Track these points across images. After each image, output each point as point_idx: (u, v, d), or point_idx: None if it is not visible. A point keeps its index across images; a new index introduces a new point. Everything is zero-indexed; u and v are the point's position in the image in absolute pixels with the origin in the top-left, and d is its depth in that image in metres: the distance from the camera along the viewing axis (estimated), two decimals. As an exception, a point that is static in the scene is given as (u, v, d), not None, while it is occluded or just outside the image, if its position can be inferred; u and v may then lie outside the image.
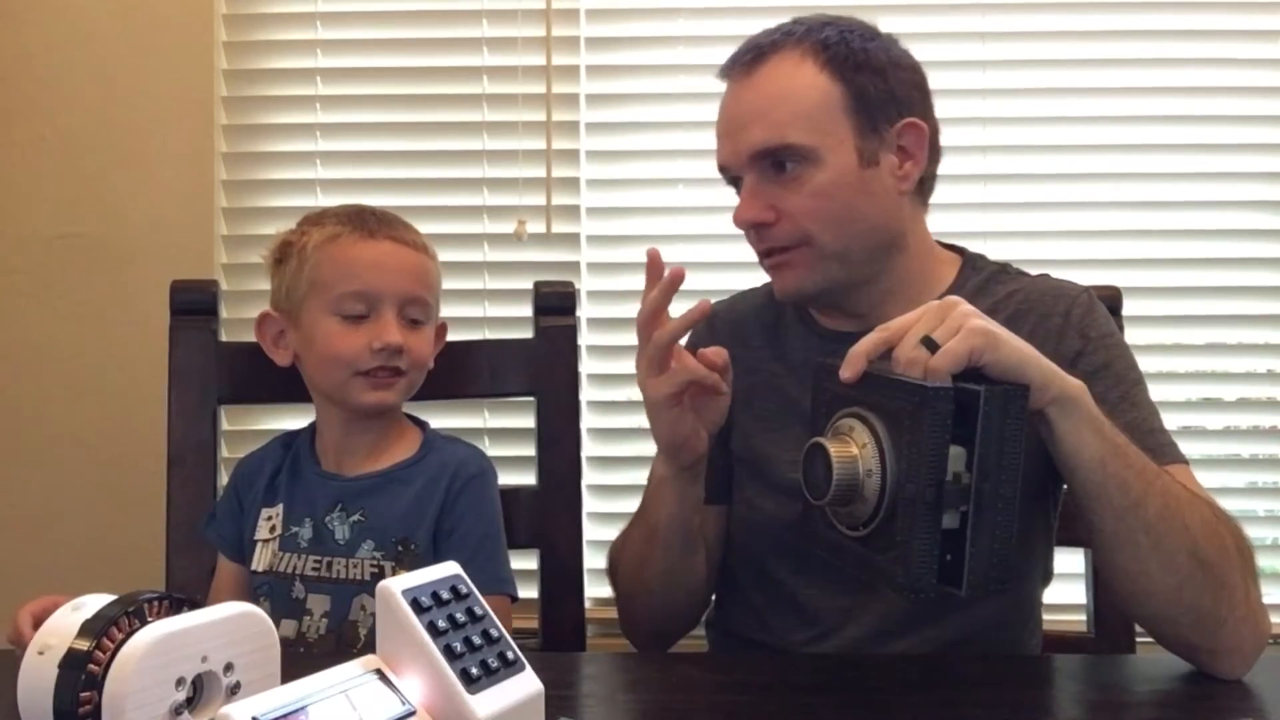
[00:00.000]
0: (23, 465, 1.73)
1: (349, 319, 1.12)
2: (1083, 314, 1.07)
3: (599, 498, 1.71)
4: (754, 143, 1.05)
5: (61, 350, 1.74)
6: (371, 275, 1.12)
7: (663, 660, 1.06)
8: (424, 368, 1.17)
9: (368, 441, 1.17)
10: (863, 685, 0.92)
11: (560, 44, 1.75)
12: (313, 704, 0.59)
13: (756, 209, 1.06)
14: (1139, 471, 0.89)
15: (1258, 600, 0.93)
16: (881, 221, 1.07)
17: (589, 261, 1.77)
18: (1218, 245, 1.73)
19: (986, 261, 1.16)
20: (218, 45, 1.76)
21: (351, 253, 1.13)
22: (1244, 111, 1.73)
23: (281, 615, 1.14)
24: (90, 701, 0.61)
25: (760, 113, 1.05)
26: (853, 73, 1.05)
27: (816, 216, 1.05)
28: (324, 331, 1.13)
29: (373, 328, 1.12)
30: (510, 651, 0.68)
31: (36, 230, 1.74)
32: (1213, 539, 0.90)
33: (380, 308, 1.12)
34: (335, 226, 1.15)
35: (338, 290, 1.12)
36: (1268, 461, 1.73)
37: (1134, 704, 0.91)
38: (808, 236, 1.05)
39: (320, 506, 1.15)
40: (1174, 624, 0.92)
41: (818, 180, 1.04)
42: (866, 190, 1.05)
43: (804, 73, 1.05)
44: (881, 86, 1.05)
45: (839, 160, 1.04)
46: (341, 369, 1.12)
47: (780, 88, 1.05)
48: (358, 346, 1.11)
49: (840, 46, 1.05)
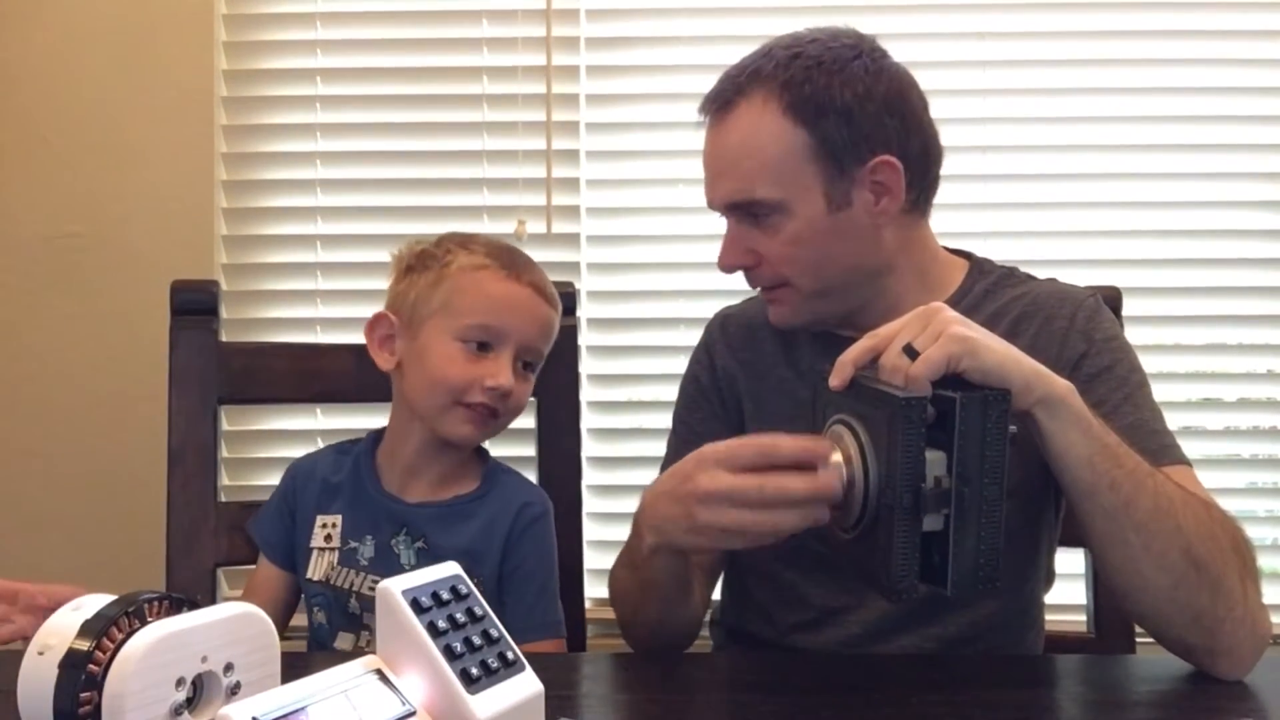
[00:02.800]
0: (23, 465, 1.73)
1: (470, 349, 1.13)
2: (1088, 317, 1.07)
3: (599, 498, 1.71)
4: (724, 195, 1.07)
5: (61, 350, 1.74)
6: (506, 314, 1.13)
7: (663, 660, 1.06)
8: (518, 413, 1.18)
9: (437, 469, 1.18)
10: (863, 685, 0.92)
11: (560, 44, 1.75)
12: (313, 704, 0.59)
13: (735, 254, 1.09)
14: (1129, 471, 0.89)
15: (1257, 601, 0.92)
16: (858, 260, 1.08)
17: (589, 261, 1.77)
18: (1218, 245, 1.73)
19: (993, 265, 1.17)
20: (218, 45, 1.76)
21: (494, 287, 1.14)
22: (1244, 111, 1.73)
23: (339, 628, 1.15)
24: (90, 701, 0.61)
25: (729, 164, 1.06)
26: (815, 118, 1.02)
27: (791, 262, 1.06)
28: (442, 353, 1.13)
29: (490, 364, 1.13)
30: (510, 652, 0.68)
31: (36, 230, 1.74)
32: (1208, 540, 0.90)
33: (502, 347, 1.13)
34: (484, 258, 1.15)
35: (469, 320, 1.13)
36: (1268, 461, 1.73)
37: (1134, 704, 0.91)
38: (785, 279, 1.08)
39: (384, 528, 1.15)
40: (1170, 624, 0.92)
41: (789, 229, 1.05)
42: (839, 233, 1.06)
43: (767, 122, 1.03)
44: (846, 130, 1.03)
45: (807, 209, 1.04)
46: (445, 394, 1.13)
47: (745, 139, 1.05)
48: (470, 378, 1.12)
49: (804, 88, 1.02)
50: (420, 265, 1.17)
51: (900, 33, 1.70)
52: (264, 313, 1.76)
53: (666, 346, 1.71)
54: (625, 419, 1.75)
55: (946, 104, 1.70)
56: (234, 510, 1.28)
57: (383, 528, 1.15)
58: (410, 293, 1.16)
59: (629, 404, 1.75)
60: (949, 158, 1.14)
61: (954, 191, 1.68)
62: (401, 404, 1.19)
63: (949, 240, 1.19)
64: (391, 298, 1.19)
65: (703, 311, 1.29)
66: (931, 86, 1.11)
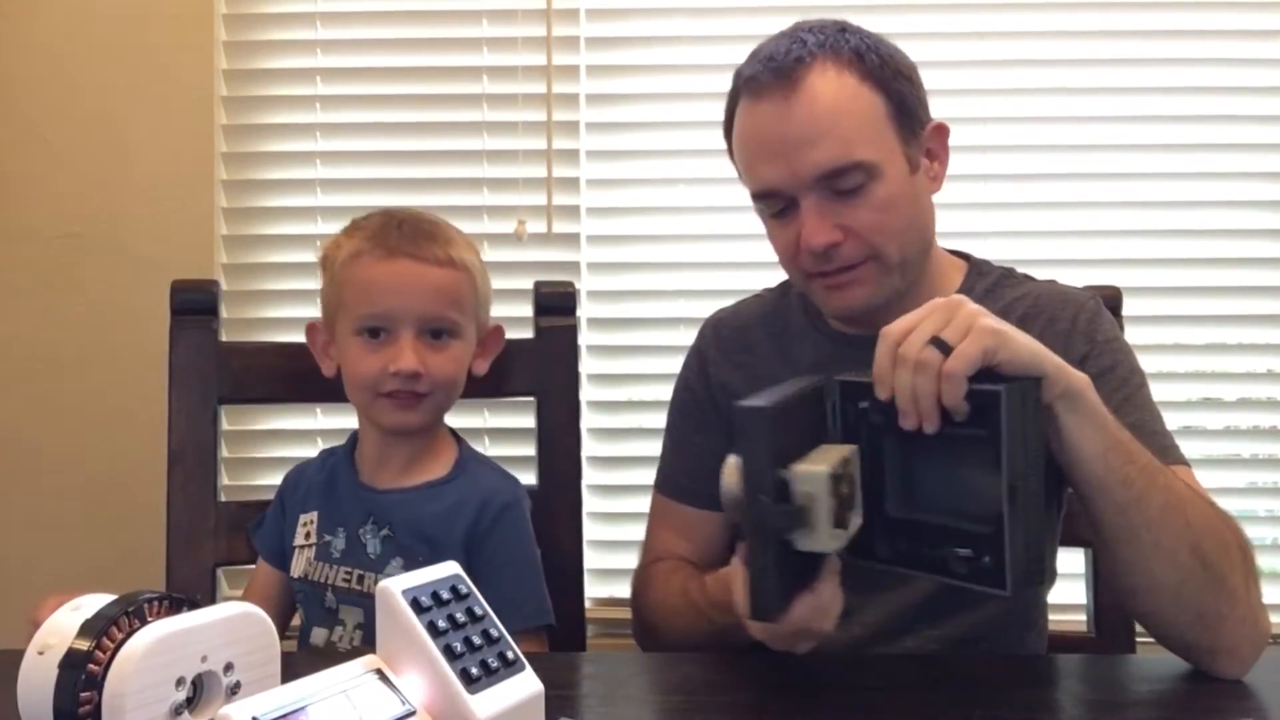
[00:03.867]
0: (23, 465, 1.73)
1: (369, 340, 1.12)
2: (1089, 319, 1.08)
3: (599, 498, 1.71)
4: (819, 163, 1.01)
5: (61, 350, 1.74)
6: (386, 298, 1.11)
7: (663, 660, 1.06)
8: (451, 386, 1.15)
9: (403, 456, 1.17)
10: (863, 685, 0.92)
11: (560, 44, 1.75)
12: (313, 704, 0.59)
13: (827, 230, 1.03)
14: (1142, 467, 0.89)
15: (1258, 600, 0.93)
16: (927, 225, 1.10)
17: (589, 261, 1.77)
18: (1218, 245, 1.73)
19: (991, 266, 1.17)
20: (218, 45, 1.76)
21: (369, 274, 1.11)
22: (1244, 111, 1.72)
23: (314, 623, 1.15)
24: (90, 701, 0.61)
25: (821, 131, 1.01)
26: (891, 81, 1.04)
27: (882, 230, 1.04)
28: (349, 352, 1.13)
29: (389, 350, 1.11)
30: (510, 651, 0.68)
31: (36, 230, 1.74)
32: (1214, 537, 0.90)
33: (397, 330, 1.11)
34: (359, 242, 1.13)
35: (356, 311, 1.12)
36: (1268, 461, 1.73)
37: (1135, 704, 0.91)
38: (875, 251, 1.04)
39: (354, 518, 1.15)
40: (1174, 622, 0.92)
41: (880, 194, 1.03)
42: (916, 197, 1.07)
43: (849, 84, 1.03)
44: (912, 92, 1.06)
45: (895, 171, 1.04)
46: (364, 391, 1.13)
47: (834, 102, 1.02)
48: (374, 370, 1.11)
49: (872, 55, 1.04)
50: (323, 267, 1.17)
51: (900, 33, 1.68)
52: (264, 313, 1.76)
53: (666, 346, 1.71)
54: (625, 419, 1.75)
55: (946, 104, 1.70)
56: (234, 510, 1.28)
57: (352, 519, 1.16)
58: (323, 297, 1.17)
59: (629, 404, 1.75)
60: (952, 157, 1.14)
61: (954, 191, 1.68)
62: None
63: (948, 240, 1.19)
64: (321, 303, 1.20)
65: (702, 311, 1.29)
66: (931, 86, 1.11)
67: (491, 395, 1.46)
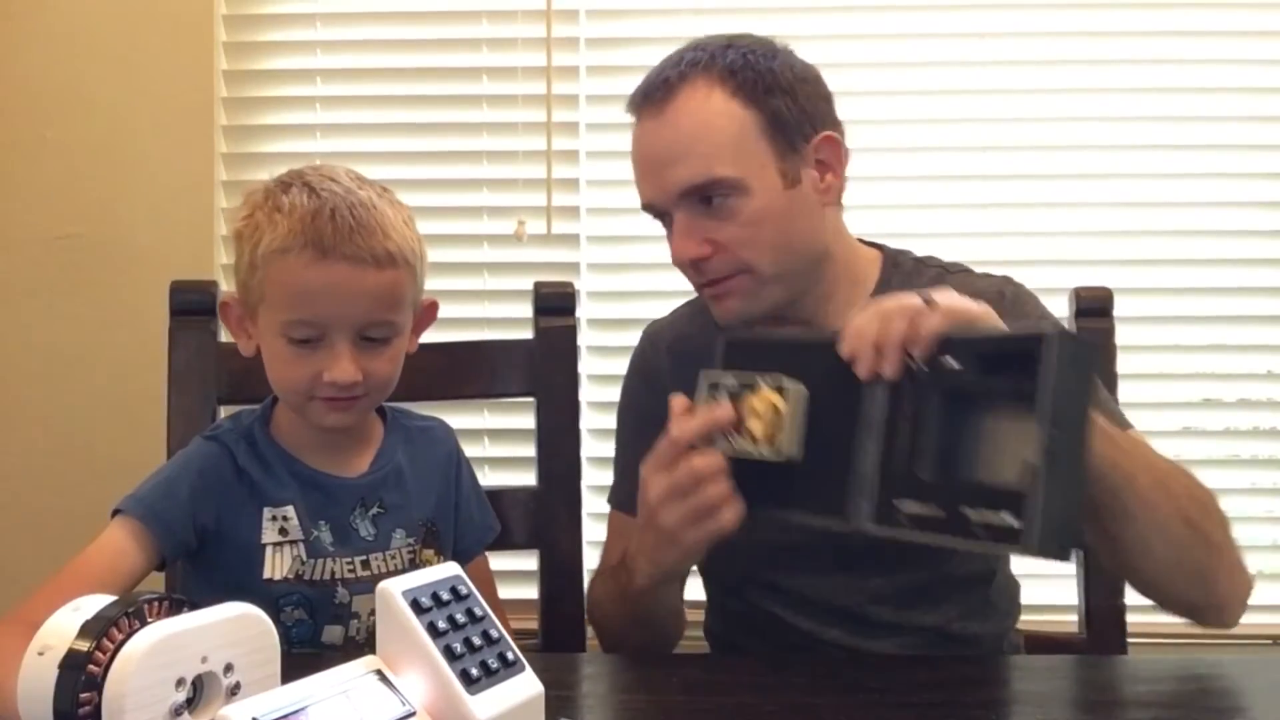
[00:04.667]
0: (23, 465, 1.73)
1: (298, 347, 1.01)
2: (1012, 302, 1.08)
3: (599, 498, 1.70)
4: (680, 180, 1.04)
5: (61, 350, 1.74)
6: (322, 304, 0.99)
7: (663, 660, 1.06)
8: (387, 387, 1.07)
9: (357, 435, 1.12)
10: (863, 685, 0.92)
11: (560, 44, 1.75)
12: (313, 704, 0.59)
13: (692, 246, 1.06)
14: (1126, 451, 0.91)
15: (1239, 550, 0.98)
16: (810, 238, 1.08)
17: (589, 261, 1.77)
18: (1219, 244, 1.73)
19: (904, 256, 1.17)
20: (218, 45, 1.76)
21: (302, 276, 0.99)
22: (1242, 111, 1.73)
23: (325, 622, 1.06)
24: (90, 702, 0.61)
25: (683, 149, 1.04)
26: (763, 96, 1.05)
27: (752, 245, 1.05)
28: (274, 352, 1.03)
29: (323, 358, 1.00)
30: (510, 652, 0.68)
31: (36, 230, 1.74)
32: (1193, 499, 0.94)
33: (332, 336, 1.00)
34: (287, 237, 1.00)
35: (285, 316, 1.01)
36: (1268, 461, 1.73)
37: (1134, 704, 0.91)
38: (746, 265, 1.06)
39: (344, 507, 1.08)
40: (1174, 585, 0.96)
41: (748, 209, 1.04)
42: (794, 211, 1.06)
43: (715, 102, 1.04)
44: (792, 105, 1.05)
45: (765, 186, 1.04)
46: (292, 394, 1.04)
47: (696, 121, 1.04)
48: (307, 376, 1.01)
49: (746, 71, 1.05)
50: (239, 241, 1.04)
51: (896, 33, 1.70)
52: (264, 313, 1.76)
53: (666, 346, 1.71)
54: (625, 419, 1.75)
55: (943, 104, 1.71)
56: (234, 510, 1.28)
57: (343, 508, 1.08)
58: (237, 273, 1.04)
59: (629, 404, 1.75)
60: (943, 157, 1.14)
61: (949, 191, 1.69)
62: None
63: (948, 240, 1.19)
64: (235, 273, 1.06)
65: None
66: (928, 86, 1.11)
67: (491, 395, 1.46)
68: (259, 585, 1.03)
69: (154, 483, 1.06)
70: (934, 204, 1.70)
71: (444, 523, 1.14)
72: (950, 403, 0.82)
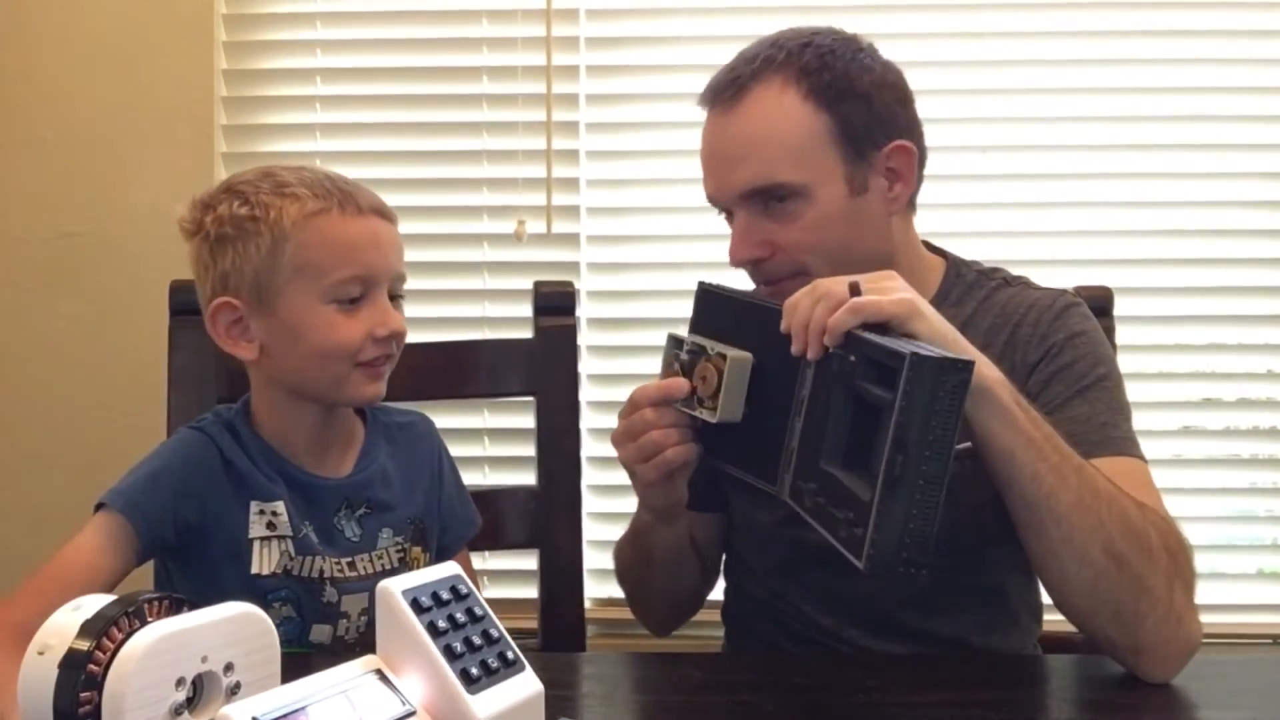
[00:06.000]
0: (23, 465, 1.73)
1: (347, 307, 1.01)
2: (1053, 318, 1.07)
3: (599, 498, 1.71)
4: (742, 182, 1.04)
5: (61, 350, 1.74)
6: (370, 256, 1.02)
7: (663, 660, 1.06)
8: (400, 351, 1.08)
9: (342, 435, 1.11)
10: (863, 685, 0.92)
11: (560, 44, 1.75)
12: (313, 704, 0.59)
13: (750, 247, 1.06)
14: (1053, 466, 0.90)
15: (1185, 603, 0.92)
16: (874, 246, 1.07)
17: (589, 261, 1.77)
18: (1219, 244, 1.73)
19: (969, 266, 1.16)
20: (218, 45, 1.76)
21: (347, 232, 1.02)
22: (1242, 111, 1.73)
23: (313, 621, 1.05)
24: (90, 701, 0.61)
25: (747, 150, 1.04)
26: (837, 101, 1.03)
27: (811, 250, 1.05)
28: (321, 321, 1.01)
29: (373, 313, 1.02)
30: (510, 652, 0.68)
31: (36, 230, 1.74)
32: (1130, 536, 0.90)
33: (375, 291, 1.03)
34: (313, 200, 1.02)
35: (334, 276, 1.00)
36: (1268, 461, 1.73)
37: (1133, 704, 0.91)
38: (804, 268, 1.05)
39: (327, 508, 1.07)
40: (1092, 617, 0.93)
41: (810, 215, 1.04)
42: (858, 219, 1.06)
43: (787, 104, 1.03)
44: (865, 113, 1.04)
45: (829, 192, 1.04)
46: (343, 362, 1.02)
47: (765, 123, 1.04)
48: (360, 336, 1.01)
49: (823, 73, 1.04)
50: (241, 233, 1.01)
51: (899, 32, 1.70)
52: (264, 313, 1.76)
53: (666, 346, 1.71)
54: (625, 419, 1.75)
55: (943, 104, 1.71)
56: (234, 510, 1.28)
57: (328, 509, 1.07)
58: (245, 267, 1.01)
59: (629, 404, 1.75)
60: (946, 157, 1.14)
61: (950, 191, 1.69)
62: (276, 387, 1.06)
63: (945, 241, 1.19)
64: (218, 280, 1.03)
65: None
66: (928, 86, 1.12)
67: (491, 395, 1.46)
68: (247, 580, 1.02)
69: (137, 476, 1.04)
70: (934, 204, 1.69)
71: (430, 520, 1.14)
72: (849, 398, 0.83)
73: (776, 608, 1.15)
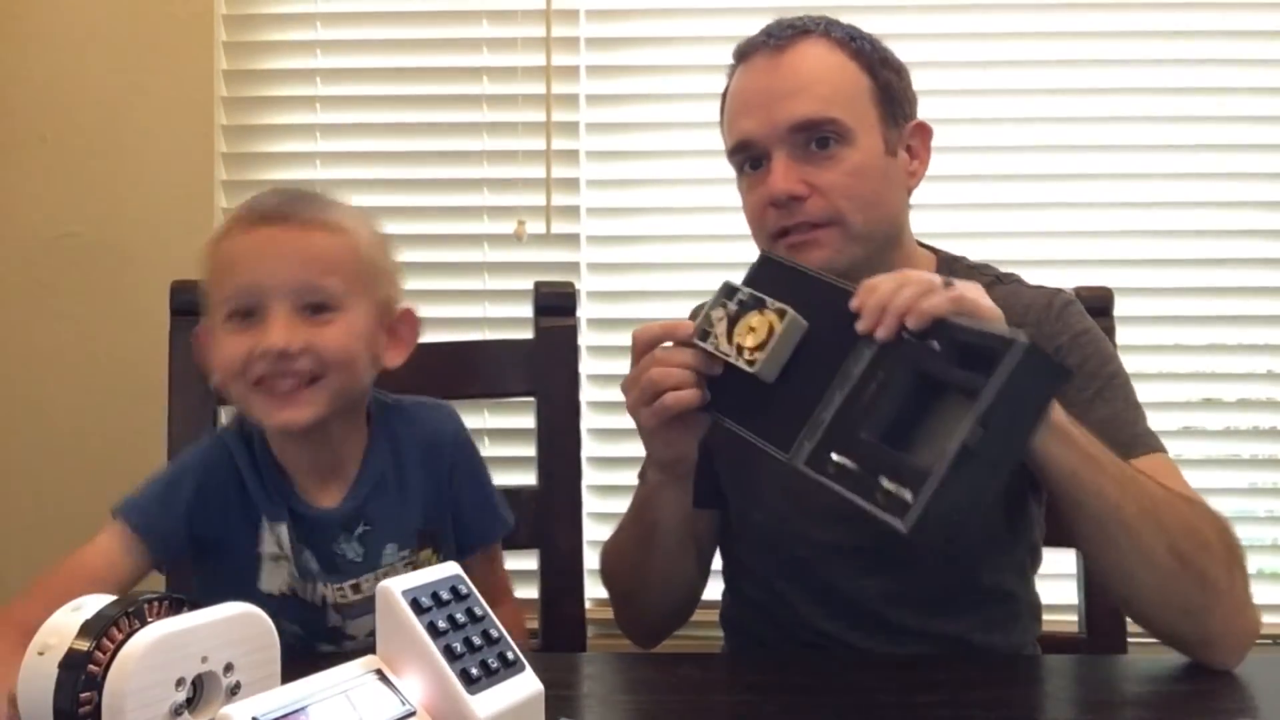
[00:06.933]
0: (23, 465, 1.73)
1: (238, 324, 0.96)
2: (1055, 317, 1.08)
3: (599, 498, 1.71)
4: (796, 114, 1.04)
5: (61, 350, 1.74)
6: (250, 268, 0.96)
7: (663, 660, 1.06)
8: (346, 366, 0.98)
9: (334, 461, 1.05)
10: (863, 685, 0.92)
11: (560, 44, 1.75)
12: (313, 704, 0.59)
13: (792, 181, 1.05)
14: (1113, 477, 0.91)
15: (1244, 591, 0.95)
16: (895, 211, 1.10)
17: (589, 261, 1.77)
18: (1219, 245, 1.73)
19: (959, 261, 1.16)
20: (218, 45, 1.76)
21: (233, 247, 0.98)
22: (1243, 111, 1.73)
23: (319, 642, 1.05)
24: (90, 702, 0.61)
25: (801, 86, 1.05)
26: (879, 67, 1.08)
27: (849, 195, 1.05)
28: (218, 343, 0.98)
29: (256, 331, 0.96)
30: (510, 652, 0.68)
31: (36, 230, 1.74)
32: (1190, 534, 0.92)
33: (266, 304, 0.95)
34: (228, 222, 1.01)
35: (217, 296, 0.98)
36: (1268, 461, 1.73)
37: (1132, 704, 0.91)
38: (839, 215, 1.05)
39: (327, 536, 1.04)
40: (1161, 618, 0.95)
41: (851, 160, 1.05)
42: (889, 178, 1.08)
43: (837, 57, 1.07)
44: (898, 84, 1.09)
45: (870, 143, 1.06)
46: (236, 382, 0.97)
47: (818, 65, 1.07)
48: (240, 354, 0.95)
49: (862, 42, 1.09)
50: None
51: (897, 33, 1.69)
52: (264, 313, 1.76)
53: (666, 346, 1.71)
54: (625, 419, 1.72)
55: (943, 104, 1.71)
56: (234, 510, 1.28)
57: (327, 536, 1.04)
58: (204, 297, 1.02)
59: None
60: (946, 157, 1.15)
61: (950, 191, 1.69)
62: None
63: (946, 241, 1.19)
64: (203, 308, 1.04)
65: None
66: (929, 86, 1.12)
67: (491, 395, 1.46)
68: (256, 596, 1.01)
69: (153, 489, 1.04)
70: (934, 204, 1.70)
71: (441, 521, 1.10)
72: (917, 380, 0.83)
73: (775, 610, 1.15)
